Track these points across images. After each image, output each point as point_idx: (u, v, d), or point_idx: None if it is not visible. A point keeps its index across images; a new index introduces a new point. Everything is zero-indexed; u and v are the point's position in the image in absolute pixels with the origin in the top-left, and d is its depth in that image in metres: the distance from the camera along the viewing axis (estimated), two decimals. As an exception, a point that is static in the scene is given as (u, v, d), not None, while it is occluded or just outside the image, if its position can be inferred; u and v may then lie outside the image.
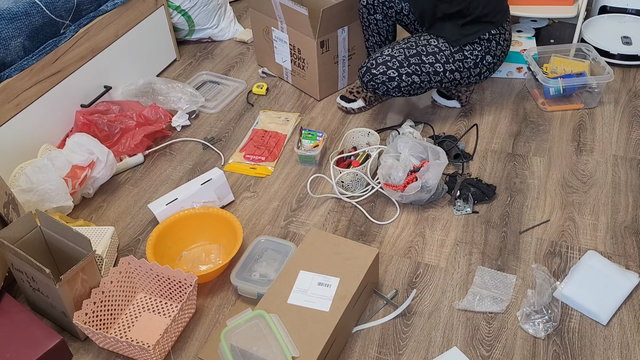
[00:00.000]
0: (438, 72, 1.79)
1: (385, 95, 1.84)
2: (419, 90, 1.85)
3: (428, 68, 1.77)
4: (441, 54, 1.79)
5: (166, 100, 2.11)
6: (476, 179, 1.75)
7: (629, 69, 2.23)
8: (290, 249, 1.55)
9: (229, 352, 1.21)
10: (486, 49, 1.81)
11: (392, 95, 1.84)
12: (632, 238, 1.57)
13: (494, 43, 1.82)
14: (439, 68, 1.79)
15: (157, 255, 1.53)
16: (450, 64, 1.79)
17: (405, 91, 1.83)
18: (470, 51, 1.80)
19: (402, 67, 1.77)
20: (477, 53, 1.81)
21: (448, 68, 1.80)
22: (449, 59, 1.79)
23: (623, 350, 1.32)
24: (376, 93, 1.84)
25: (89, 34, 1.97)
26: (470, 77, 1.86)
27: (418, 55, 1.77)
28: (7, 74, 1.71)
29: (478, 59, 1.82)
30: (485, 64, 1.84)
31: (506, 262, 1.53)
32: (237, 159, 1.93)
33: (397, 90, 1.81)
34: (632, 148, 1.87)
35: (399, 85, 1.79)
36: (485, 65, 1.84)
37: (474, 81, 1.88)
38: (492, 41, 1.81)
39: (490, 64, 1.85)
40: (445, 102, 2.08)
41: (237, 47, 2.57)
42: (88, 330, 1.31)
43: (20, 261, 1.32)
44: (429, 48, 1.79)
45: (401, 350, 1.35)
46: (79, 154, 1.73)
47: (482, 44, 1.80)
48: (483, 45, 1.81)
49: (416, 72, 1.77)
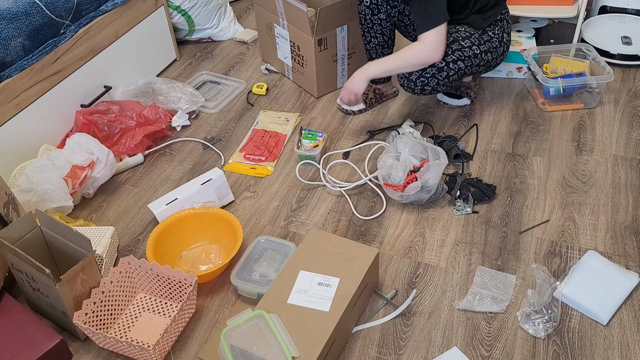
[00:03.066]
0: (476, 54, 1.81)
1: (434, 91, 1.82)
2: (462, 77, 1.86)
3: (468, 52, 1.79)
4: (473, 37, 1.81)
5: (166, 100, 2.11)
6: (476, 179, 1.75)
7: (629, 69, 2.23)
8: (290, 249, 1.55)
9: (229, 352, 1.21)
10: (501, 28, 1.87)
11: (438, 89, 1.82)
12: (632, 238, 1.57)
13: (505, 22, 1.89)
14: (477, 50, 1.81)
15: (157, 255, 1.53)
16: (483, 44, 1.83)
17: (452, 81, 1.82)
18: (492, 31, 1.86)
19: (447, 55, 1.77)
20: (497, 32, 1.86)
21: (482, 49, 1.83)
22: (481, 41, 1.83)
23: (623, 350, 1.32)
24: (424, 91, 1.82)
25: (89, 34, 1.97)
26: (497, 58, 1.90)
27: (456, 42, 1.79)
28: (7, 74, 1.71)
29: (500, 38, 1.87)
30: (505, 42, 1.90)
31: (506, 262, 1.53)
32: (237, 159, 1.93)
33: (446, 82, 1.80)
34: (632, 148, 1.87)
35: (448, 74, 1.79)
36: (505, 43, 1.90)
37: (499, 61, 1.93)
38: (503, 20, 1.88)
39: (507, 41, 1.91)
40: (456, 102, 2.08)
41: (237, 47, 2.57)
42: (88, 330, 1.31)
43: (20, 261, 1.32)
44: (461, 34, 1.81)
45: (401, 350, 1.35)
46: (79, 154, 1.73)
47: (497, 24, 1.86)
48: (498, 25, 1.86)
49: (460, 58, 1.78)
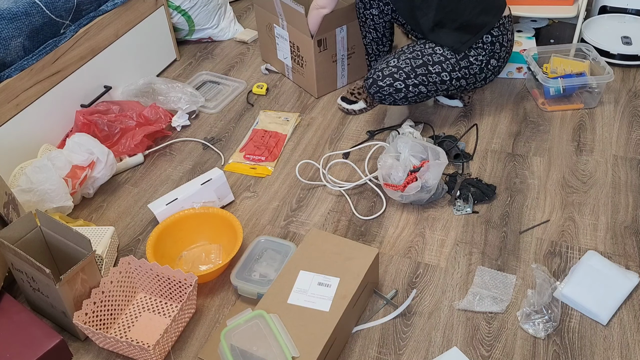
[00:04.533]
0: (445, 80, 1.79)
1: (392, 104, 1.86)
2: (425, 99, 1.86)
3: (435, 78, 1.77)
4: (447, 62, 1.77)
5: (166, 100, 2.11)
6: (476, 179, 1.75)
7: (629, 69, 2.23)
8: (290, 249, 1.55)
9: (229, 352, 1.21)
10: (490, 53, 1.79)
11: (399, 104, 1.86)
12: (632, 238, 1.57)
13: (498, 45, 1.79)
14: (446, 77, 1.78)
15: (157, 255, 1.53)
16: (457, 71, 1.79)
17: (412, 100, 1.84)
18: (475, 57, 1.78)
19: (409, 78, 1.76)
20: (482, 58, 1.79)
21: (454, 76, 1.79)
22: (455, 67, 1.78)
23: (623, 350, 1.32)
24: (382, 103, 1.86)
25: (89, 34, 1.97)
26: (476, 82, 1.85)
27: (424, 66, 1.76)
28: (7, 74, 1.71)
29: (483, 64, 1.80)
30: (491, 68, 1.83)
31: (506, 262, 1.53)
32: (237, 159, 1.93)
33: (404, 100, 1.83)
34: (632, 148, 1.87)
35: (406, 95, 1.80)
36: (490, 69, 1.83)
37: (479, 85, 1.88)
38: (495, 44, 1.79)
39: (495, 67, 1.84)
40: (448, 102, 2.08)
41: (237, 47, 2.57)
42: (88, 330, 1.31)
43: (20, 261, 1.32)
44: (434, 57, 1.77)
45: (401, 350, 1.35)
46: (79, 154, 1.73)
47: (485, 48, 1.78)
48: (487, 50, 1.78)
49: (423, 83, 1.77)
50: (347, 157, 1.91)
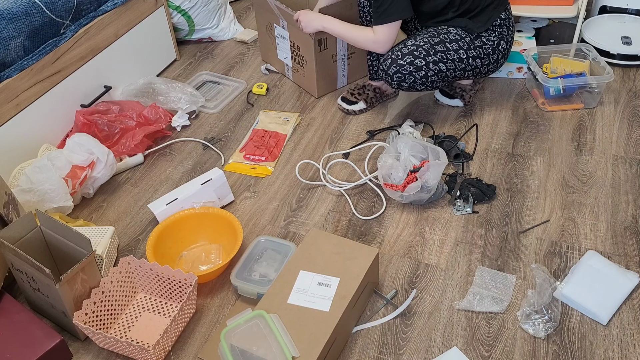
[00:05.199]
0: (462, 58, 1.81)
1: (411, 88, 1.82)
2: (443, 80, 1.85)
3: (453, 55, 1.79)
4: (462, 41, 1.81)
5: (166, 100, 2.11)
6: (476, 179, 1.75)
7: (629, 69, 2.23)
8: (290, 249, 1.55)
9: (229, 352, 1.21)
10: (499, 35, 1.85)
11: (417, 88, 1.82)
12: (632, 238, 1.57)
13: (505, 28, 1.86)
14: (463, 55, 1.81)
15: (157, 255, 1.53)
16: (472, 50, 1.82)
17: (431, 81, 1.82)
18: (487, 37, 1.84)
19: (429, 55, 1.77)
20: (493, 39, 1.84)
21: (470, 55, 1.82)
22: (470, 46, 1.82)
23: (623, 350, 1.32)
24: (401, 87, 1.82)
25: (89, 34, 1.97)
26: (490, 65, 1.89)
27: (442, 43, 1.79)
28: (7, 74, 1.71)
29: (495, 45, 1.85)
30: (501, 49, 1.88)
31: (506, 262, 1.53)
32: (237, 159, 1.93)
33: (424, 81, 1.80)
34: (632, 148, 1.87)
35: (427, 74, 1.79)
36: (501, 51, 1.88)
37: (492, 69, 1.91)
38: (503, 26, 1.85)
39: (504, 50, 1.89)
40: (448, 101, 2.08)
41: (237, 47, 2.57)
42: (88, 330, 1.31)
43: (20, 261, 1.32)
44: (450, 36, 1.81)
45: (401, 350, 1.35)
46: (79, 154, 1.73)
47: (495, 30, 1.84)
48: (496, 32, 1.84)
49: (442, 60, 1.78)
50: (347, 157, 1.91)
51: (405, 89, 1.83)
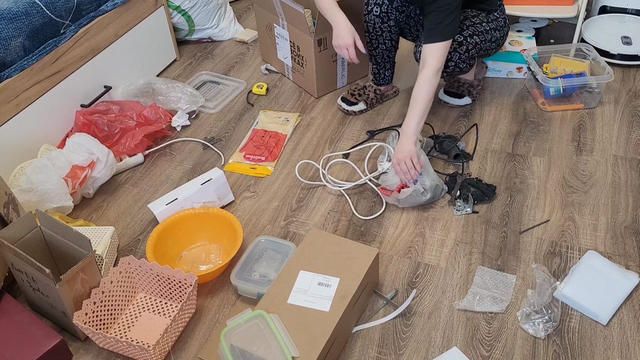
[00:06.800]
0: (487, 30, 1.88)
1: (457, 68, 1.85)
2: (478, 55, 1.91)
3: (480, 27, 1.86)
4: (481, 16, 1.89)
5: (166, 100, 2.11)
6: (476, 179, 1.75)
7: (629, 69, 2.23)
8: (290, 249, 1.55)
9: (229, 352, 1.21)
10: (502, 11, 1.94)
11: (460, 65, 1.85)
12: (632, 238, 1.57)
13: (503, 6, 1.96)
14: (487, 27, 1.88)
15: (157, 255, 1.53)
16: (491, 22, 1.90)
17: (471, 57, 1.86)
18: (497, 12, 1.93)
19: (463, 30, 1.82)
20: (499, 14, 1.93)
21: (492, 27, 1.89)
22: (488, 20, 1.89)
23: (623, 350, 1.32)
24: (447, 70, 1.85)
25: (89, 34, 1.97)
26: (503, 37, 1.96)
27: (468, 19, 1.86)
28: (7, 74, 1.71)
29: (504, 18, 1.95)
30: (507, 23, 1.96)
31: (506, 262, 1.53)
32: (237, 159, 1.93)
33: (466, 57, 1.84)
34: (632, 148, 1.87)
35: (467, 49, 1.83)
36: (507, 24, 1.97)
37: (503, 42, 1.97)
38: (501, 5, 1.95)
39: (507, 26, 1.97)
40: (457, 102, 2.08)
41: (237, 47, 2.57)
42: (88, 330, 1.31)
43: (20, 261, 1.32)
44: (469, 13, 1.89)
45: (401, 350, 1.35)
46: (79, 154, 1.73)
47: (499, 8, 1.93)
48: (499, 9, 1.93)
49: (475, 33, 1.84)
50: (347, 157, 1.91)
51: (450, 71, 1.86)
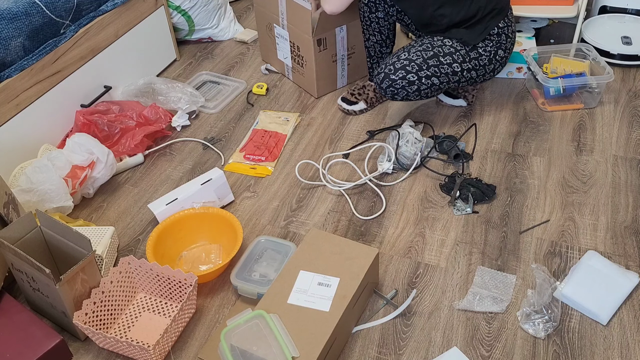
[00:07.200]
0: (456, 72, 1.79)
1: (404, 100, 1.83)
2: (437, 92, 1.84)
3: (447, 69, 1.77)
4: (457, 54, 1.78)
5: (166, 100, 2.11)
6: (476, 179, 1.75)
7: (629, 69, 2.23)
8: (290, 249, 1.55)
9: (229, 352, 1.21)
10: (497, 44, 1.82)
11: (411, 99, 1.83)
12: (632, 238, 1.57)
13: (504, 36, 1.83)
14: (457, 68, 1.79)
15: (157, 255, 1.53)
16: (467, 62, 1.80)
17: (424, 94, 1.82)
18: (484, 48, 1.81)
19: (421, 70, 1.76)
20: (490, 49, 1.82)
21: (465, 67, 1.80)
22: (465, 59, 1.79)
23: (623, 350, 1.32)
24: (395, 99, 1.82)
25: (89, 34, 1.97)
26: (486, 75, 1.87)
27: (436, 57, 1.77)
28: (7, 74, 1.71)
29: (491, 55, 1.83)
30: (498, 59, 1.85)
31: (506, 262, 1.53)
32: (237, 159, 1.93)
33: (417, 94, 1.80)
34: (632, 148, 1.87)
35: (419, 88, 1.78)
36: (498, 60, 1.86)
37: (488, 78, 1.89)
38: (501, 35, 1.82)
39: (502, 58, 1.86)
40: (451, 102, 2.08)
41: (237, 47, 2.57)
42: (88, 330, 1.31)
43: (20, 261, 1.32)
44: (445, 49, 1.78)
45: (401, 350, 1.35)
46: (79, 154, 1.73)
47: (492, 40, 1.81)
48: (494, 41, 1.81)
49: (435, 74, 1.77)
50: (347, 157, 1.91)
51: (399, 100, 1.83)
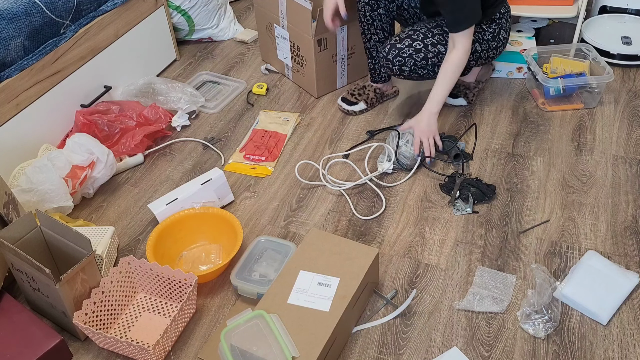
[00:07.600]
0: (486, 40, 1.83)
1: (412, 73, 1.81)
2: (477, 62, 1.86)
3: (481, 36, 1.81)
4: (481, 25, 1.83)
5: (166, 100, 2.11)
6: (476, 179, 1.75)
7: (629, 69, 2.23)
8: (290, 249, 1.55)
9: (229, 352, 1.21)
10: (499, 25, 1.86)
11: (418, 72, 1.81)
12: (632, 238, 1.57)
13: (504, 20, 1.88)
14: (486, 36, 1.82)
15: (157, 255, 1.53)
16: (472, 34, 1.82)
17: (431, 64, 1.80)
18: (487, 25, 1.85)
19: (427, 37, 1.77)
20: (493, 28, 1.86)
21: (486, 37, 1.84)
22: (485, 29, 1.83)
23: (623, 350, 1.32)
24: (402, 72, 1.80)
25: (89, 34, 1.97)
26: (489, 51, 1.89)
27: (439, 27, 1.80)
28: (7, 74, 1.71)
29: (495, 32, 1.86)
30: (501, 38, 1.89)
31: (506, 262, 1.53)
32: (237, 159, 1.93)
33: (425, 64, 1.79)
34: (632, 148, 1.87)
35: (426, 56, 1.78)
36: (501, 39, 1.89)
37: (491, 55, 1.91)
38: (502, 19, 1.87)
39: (504, 39, 1.90)
40: (452, 101, 2.08)
41: (237, 47, 2.57)
42: (88, 330, 1.31)
43: (20, 261, 1.32)
44: None
45: (401, 350, 1.35)
46: (79, 154, 1.73)
47: (494, 21, 1.86)
48: (495, 22, 1.86)
49: (440, 42, 1.77)
50: (347, 157, 1.91)
51: (407, 75, 1.82)
